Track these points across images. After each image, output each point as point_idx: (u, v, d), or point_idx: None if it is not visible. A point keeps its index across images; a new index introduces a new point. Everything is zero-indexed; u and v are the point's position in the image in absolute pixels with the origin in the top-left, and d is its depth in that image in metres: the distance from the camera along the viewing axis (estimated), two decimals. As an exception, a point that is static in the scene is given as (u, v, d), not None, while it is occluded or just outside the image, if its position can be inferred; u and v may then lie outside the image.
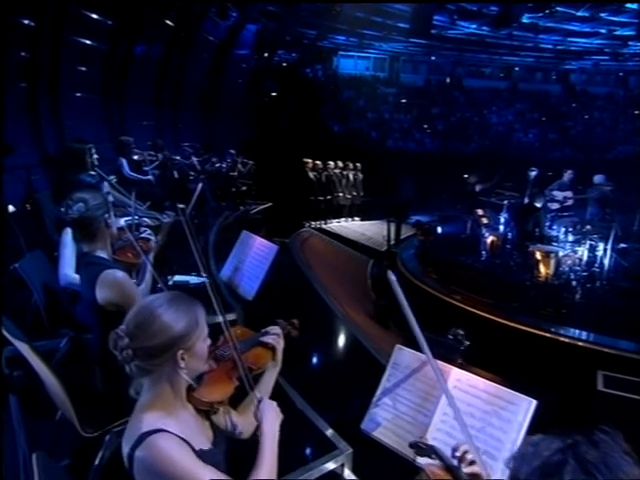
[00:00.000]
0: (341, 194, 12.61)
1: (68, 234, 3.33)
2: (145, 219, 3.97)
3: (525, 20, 15.58)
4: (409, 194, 11.64)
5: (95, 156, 4.12)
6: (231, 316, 3.87)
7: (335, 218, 12.57)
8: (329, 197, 12.33)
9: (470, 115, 18.47)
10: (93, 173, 4.06)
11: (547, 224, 8.21)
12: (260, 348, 2.07)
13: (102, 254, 2.61)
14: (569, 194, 8.50)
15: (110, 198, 3.59)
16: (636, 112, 18.31)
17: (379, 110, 18.64)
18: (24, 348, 2.31)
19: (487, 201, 8.84)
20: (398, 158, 15.79)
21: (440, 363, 2.04)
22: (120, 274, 2.46)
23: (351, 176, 12.92)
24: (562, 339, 6.39)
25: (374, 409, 2.26)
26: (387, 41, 18.61)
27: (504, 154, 16.80)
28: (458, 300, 7.47)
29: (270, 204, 10.49)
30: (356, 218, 13.13)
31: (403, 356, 2.30)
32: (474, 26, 17.23)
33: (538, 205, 7.86)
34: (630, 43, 17.12)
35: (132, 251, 3.06)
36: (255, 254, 3.75)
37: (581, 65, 19.99)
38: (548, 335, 6.41)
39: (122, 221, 3.37)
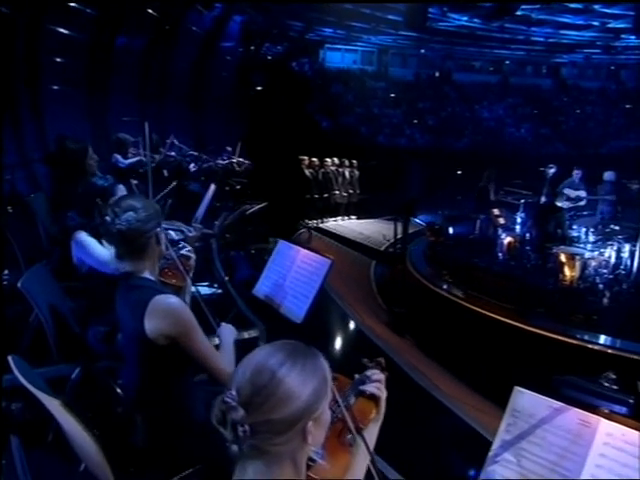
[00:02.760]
0: (337, 192, 12.12)
1: (82, 234, 2.94)
2: (170, 232, 3.44)
3: (518, 12, 15.25)
4: (417, 192, 11.19)
5: (95, 157, 3.56)
6: (252, 333, 3.52)
7: (332, 217, 12.07)
8: (326, 195, 11.81)
9: (461, 110, 18.13)
10: (101, 175, 3.47)
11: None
12: (362, 400, 1.70)
13: (149, 275, 2.19)
14: (582, 193, 8.16)
15: None
16: (628, 106, 18.23)
17: (368, 105, 18.15)
18: (53, 404, 1.80)
19: (503, 200, 8.44)
20: (391, 154, 15.37)
21: (582, 412, 1.70)
22: (175, 300, 2.05)
23: (347, 173, 12.45)
24: (595, 347, 6.02)
25: (492, 466, 1.79)
26: (376, 34, 18.14)
27: (496, 150, 16.50)
28: (478, 305, 7.06)
29: (266, 204, 9.97)
30: (352, 216, 12.66)
31: (526, 401, 1.84)
32: (465, 18, 16.85)
33: (559, 204, 7.46)
34: (623, 36, 16.96)
35: (174, 271, 2.61)
36: (300, 268, 3.18)
37: (572, 59, 19.79)
38: (581, 344, 6.03)
39: None
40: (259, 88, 17.66)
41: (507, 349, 5.96)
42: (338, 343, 5.87)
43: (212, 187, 4.52)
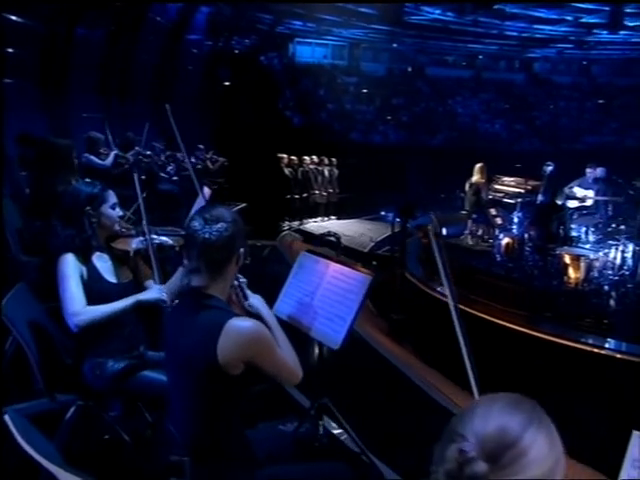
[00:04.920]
0: (317, 192, 11.57)
1: (68, 262, 2.52)
2: (163, 238, 3.04)
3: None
4: (417, 192, 10.78)
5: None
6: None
7: (311, 218, 11.51)
8: (305, 195, 11.25)
9: (435, 105, 17.83)
10: (89, 180, 2.88)
11: (567, 224, 7.48)
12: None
13: (219, 295, 1.93)
14: (590, 193, 7.85)
15: (118, 211, 2.77)
16: (600, 101, 18.30)
17: (340, 101, 17.66)
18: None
19: (497, 199, 8.07)
20: (368, 151, 14.96)
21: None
22: (254, 324, 1.89)
23: (326, 172, 11.91)
24: (610, 354, 5.67)
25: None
26: (347, 27, 17.67)
27: (472, 146, 16.27)
28: (480, 310, 6.64)
29: (245, 204, 9.41)
30: (332, 217, 12.14)
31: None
32: (438, 11, 16.55)
33: (560, 203, 7.11)
34: (595, 31, 16.98)
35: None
36: (332, 285, 2.76)
37: (545, 53, 19.74)
38: (596, 350, 5.66)
39: (134, 243, 2.77)
40: (227, 83, 17.09)
41: (515, 356, 5.60)
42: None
43: (206, 190, 3.91)
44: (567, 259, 6.65)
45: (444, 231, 8.25)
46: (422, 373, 5.17)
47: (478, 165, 8.97)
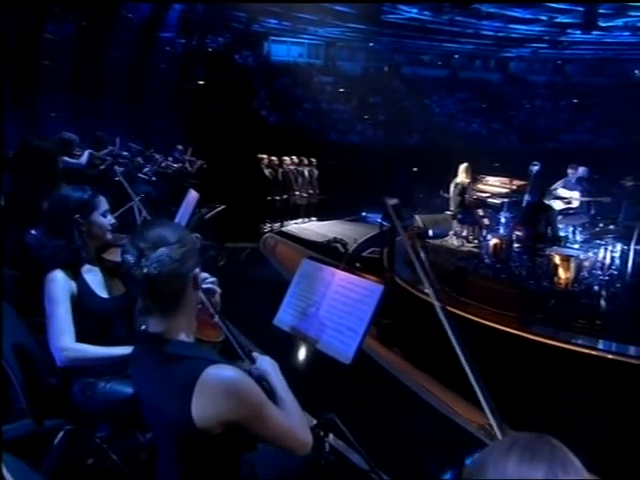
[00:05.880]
0: (297, 193, 11.34)
1: (57, 282, 2.27)
2: None
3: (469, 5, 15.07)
4: (406, 192, 10.60)
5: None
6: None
7: (292, 219, 11.28)
8: (285, 196, 11.01)
9: (411, 105, 17.74)
10: (77, 185, 2.58)
11: (553, 223, 7.40)
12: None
13: (186, 337, 1.59)
14: (576, 194, 7.80)
15: (110, 219, 2.52)
16: (575, 100, 18.49)
17: (317, 100, 17.45)
18: None
19: (482, 199, 7.97)
20: (346, 151, 14.79)
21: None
22: (233, 374, 1.49)
23: (306, 172, 11.68)
24: (607, 356, 5.59)
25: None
26: (323, 25, 17.47)
27: (449, 145, 16.22)
28: (471, 313, 6.51)
29: (224, 206, 9.14)
30: (313, 218, 11.92)
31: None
32: (415, 10, 16.48)
33: (547, 202, 7.03)
34: (569, 31, 17.14)
35: (205, 320, 1.90)
36: (339, 295, 2.57)
37: (520, 53, 19.88)
38: (593, 353, 5.57)
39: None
40: (201, 82, 16.75)
41: (508, 360, 5.48)
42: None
43: (193, 193, 3.66)
44: (557, 259, 6.55)
45: (430, 232, 8.13)
46: (415, 378, 5.05)
47: (463, 165, 8.86)
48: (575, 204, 7.82)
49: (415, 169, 13.42)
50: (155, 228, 1.55)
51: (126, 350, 2.16)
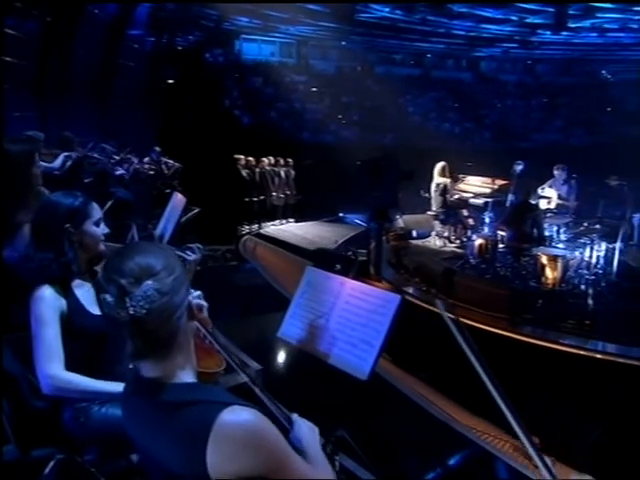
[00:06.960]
0: (274, 193, 11.11)
1: (45, 300, 2.05)
2: None
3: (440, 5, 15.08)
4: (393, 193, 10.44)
5: (42, 164, 2.42)
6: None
7: (269, 221, 11.04)
8: (262, 197, 10.77)
9: (385, 104, 17.66)
10: (68, 191, 2.30)
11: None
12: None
13: (188, 377, 1.36)
14: (562, 194, 7.81)
15: (103, 228, 2.28)
16: (545, 100, 18.73)
17: (290, 99, 17.22)
18: None
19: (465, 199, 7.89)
20: (322, 151, 14.60)
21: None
22: (251, 417, 1.25)
23: (283, 173, 11.46)
24: (597, 356, 5.55)
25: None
26: (294, 24, 17.25)
27: (422, 145, 16.22)
28: (460, 314, 6.38)
29: (200, 209, 8.85)
30: (290, 219, 11.71)
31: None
32: (387, 9, 16.40)
33: (533, 202, 6.99)
34: (539, 31, 17.35)
35: (201, 345, 1.62)
36: (351, 305, 2.42)
37: (491, 52, 20.05)
38: (584, 353, 5.52)
39: None
40: (171, 81, 16.36)
41: (498, 361, 5.38)
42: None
43: (179, 197, 3.42)
44: (544, 260, 6.49)
45: (414, 233, 8.01)
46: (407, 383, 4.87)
47: (440, 164, 8.77)
48: (553, 205, 7.77)
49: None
50: (134, 257, 1.29)
51: (120, 387, 1.92)
